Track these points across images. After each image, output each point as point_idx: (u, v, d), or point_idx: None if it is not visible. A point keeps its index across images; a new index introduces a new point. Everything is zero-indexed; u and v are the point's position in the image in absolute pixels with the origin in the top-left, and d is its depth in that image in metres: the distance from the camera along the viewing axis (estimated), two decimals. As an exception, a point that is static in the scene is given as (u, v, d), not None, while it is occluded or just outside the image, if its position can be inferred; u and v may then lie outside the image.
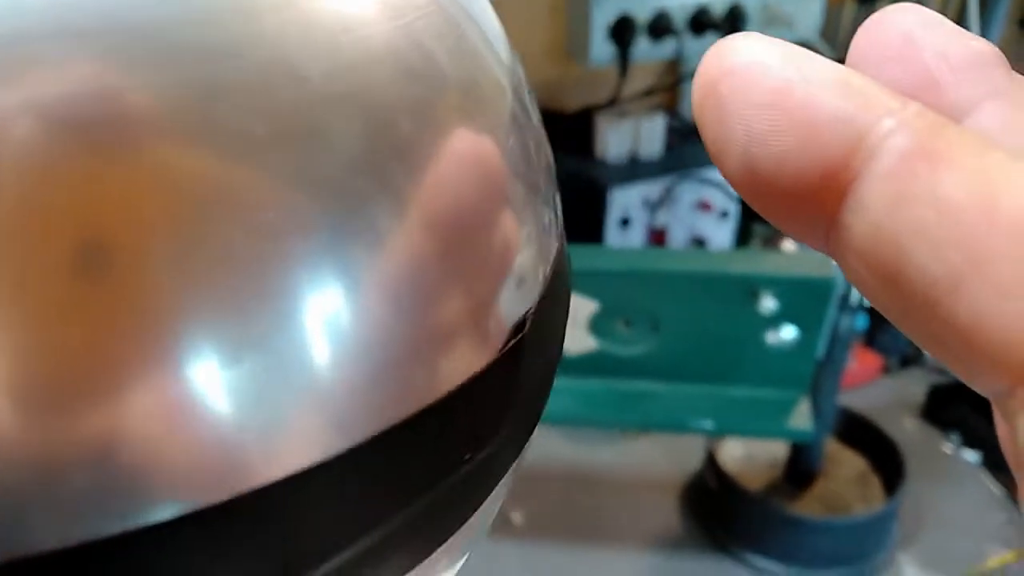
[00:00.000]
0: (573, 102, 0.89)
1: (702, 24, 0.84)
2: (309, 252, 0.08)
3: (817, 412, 0.53)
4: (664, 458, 0.63)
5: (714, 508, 0.59)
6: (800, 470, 0.58)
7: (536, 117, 0.12)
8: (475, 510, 0.10)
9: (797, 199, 0.09)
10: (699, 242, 0.85)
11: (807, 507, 0.58)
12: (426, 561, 0.10)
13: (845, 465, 0.61)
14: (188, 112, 0.07)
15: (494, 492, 0.11)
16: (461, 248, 0.09)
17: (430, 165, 0.09)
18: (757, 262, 0.46)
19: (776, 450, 0.60)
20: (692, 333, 0.48)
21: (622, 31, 0.83)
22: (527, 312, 0.10)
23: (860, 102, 0.08)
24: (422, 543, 0.10)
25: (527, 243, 0.11)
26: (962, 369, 0.08)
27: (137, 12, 0.08)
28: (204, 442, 0.08)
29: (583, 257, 0.47)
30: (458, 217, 0.09)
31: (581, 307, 0.47)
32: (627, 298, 0.47)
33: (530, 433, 0.12)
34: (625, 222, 0.81)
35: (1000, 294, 0.07)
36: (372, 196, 0.09)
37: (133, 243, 0.07)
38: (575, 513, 0.60)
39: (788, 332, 0.46)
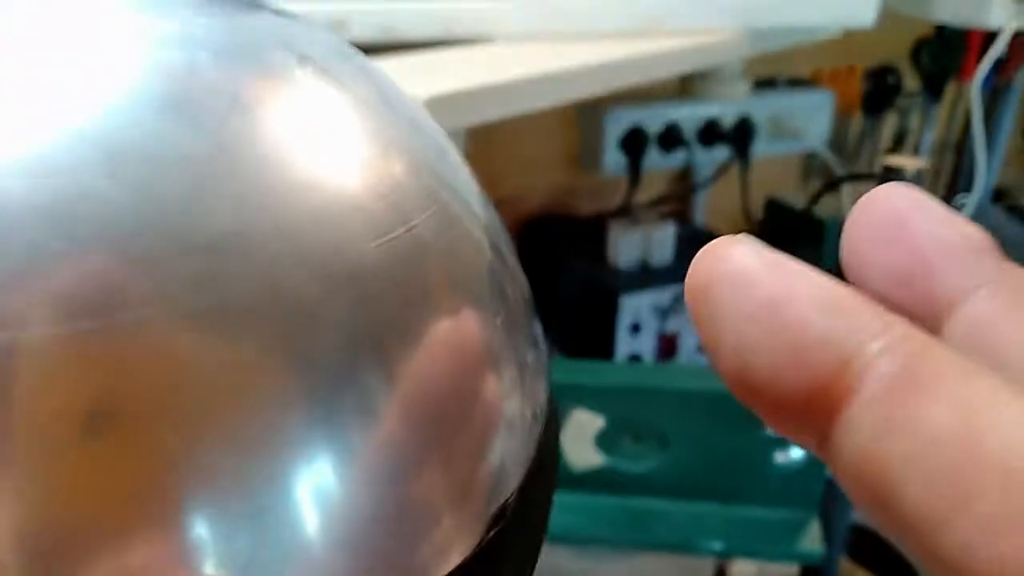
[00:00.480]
0: (586, 209, 0.91)
1: (711, 135, 0.86)
2: (301, 427, 0.08)
3: (829, 532, 0.52)
4: (673, 575, 0.62)
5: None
6: (813, 591, 0.57)
7: (513, 262, 0.13)
8: None
9: (787, 410, 0.09)
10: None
11: (821, 630, 0.56)
12: None
13: (860, 586, 0.59)
14: (193, 302, 0.08)
15: None
16: (446, 429, 0.10)
17: (416, 345, 0.10)
18: (765, 382, 0.46)
19: (788, 571, 0.59)
20: (700, 451, 0.48)
21: (634, 142, 0.85)
22: (510, 495, 0.11)
23: (847, 323, 0.09)
24: None
25: (513, 417, 0.11)
26: None
27: (146, 212, 0.08)
28: None
29: (591, 372, 0.47)
30: (442, 395, 0.10)
31: (588, 422, 0.47)
32: (635, 414, 0.47)
33: None
34: (636, 328, 0.82)
35: (988, 532, 0.07)
36: (362, 376, 0.09)
37: (135, 412, 0.08)
38: (582, 631, 0.58)
39: (796, 452, 0.46)
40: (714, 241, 0.10)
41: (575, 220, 0.90)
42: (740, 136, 0.88)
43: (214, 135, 0.09)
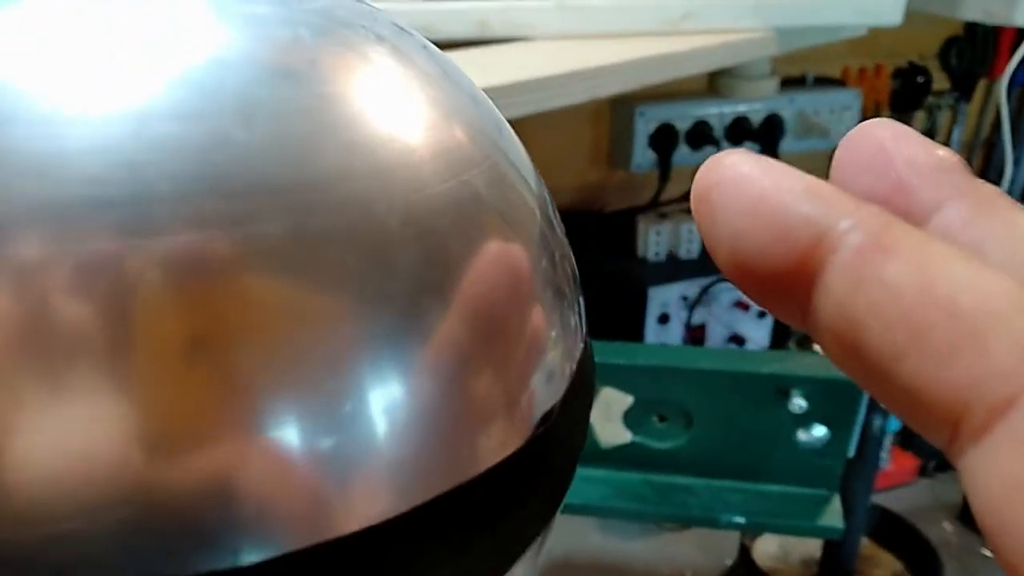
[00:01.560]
0: (616, 204, 0.93)
1: (740, 132, 0.88)
2: (372, 349, 0.10)
3: (849, 511, 0.54)
4: (698, 552, 0.64)
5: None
6: (834, 569, 0.59)
7: (561, 232, 0.14)
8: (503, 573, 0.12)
9: (776, 286, 0.10)
10: (737, 340, 0.87)
11: (841, 607, 0.58)
12: None
13: (881, 566, 0.61)
14: (281, 247, 0.10)
15: (522, 560, 0.12)
16: (497, 346, 0.11)
17: (473, 279, 0.11)
18: (789, 362, 0.48)
19: (811, 548, 0.61)
20: (724, 429, 0.50)
21: (663, 139, 0.87)
22: (554, 405, 0.12)
23: (824, 206, 0.10)
24: None
25: (554, 342, 0.12)
26: (914, 424, 0.09)
27: (271, 156, 0.10)
28: (290, 497, 0.09)
29: (620, 353, 0.50)
30: (495, 321, 0.11)
31: (617, 400, 0.50)
32: (661, 393, 0.50)
33: (554, 513, 0.13)
34: (664, 319, 0.84)
35: (936, 363, 0.09)
36: (425, 306, 0.11)
37: (237, 340, 0.09)
38: (610, 605, 0.61)
39: (818, 431, 0.48)
40: (716, 154, 0.11)
41: (605, 215, 0.92)
42: (768, 133, 0.89)
43: (318, 95, 0.11)
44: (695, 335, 0.85)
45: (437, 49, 0.14)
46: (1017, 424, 0.08)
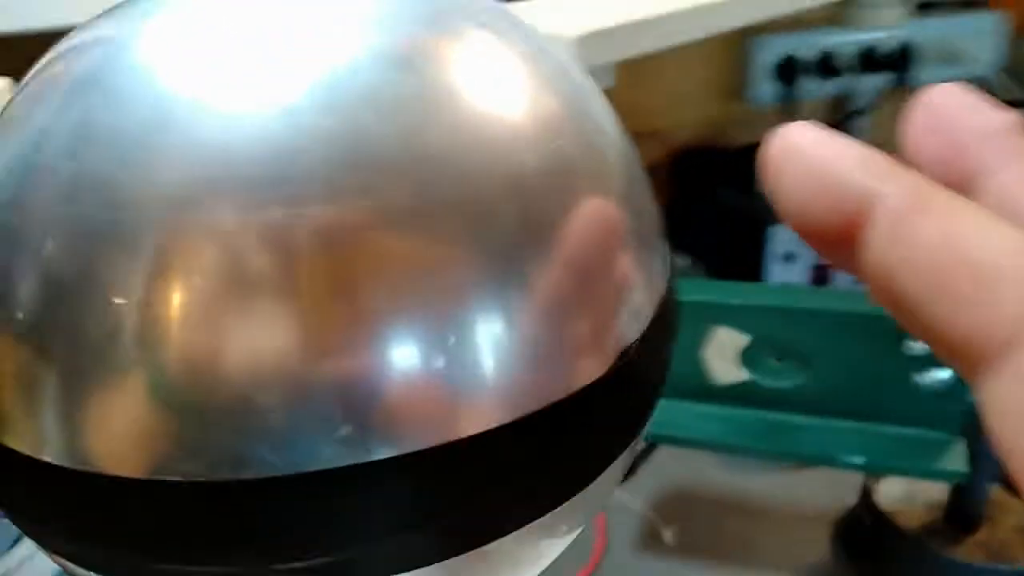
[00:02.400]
0: (738, 140, 0.91)
1: (870, 62, 0.84)
2: (481, 290, 0.12)
3: (976, 456, 0.52)
4: (819, 490, 0.64)
5: (868, 545, 0.59)
6: (962, 514, 0.58)
7: (645, 186, 0.16)
8: (587, 485, 0.14)
9: (830, 241, 0.12)
10: (863, 279, 0.85)
11: (968, 553, 0.57)
12: (548, 518, 0.13)
13: (1013, 514, 0.59)
14: (407, 211, 0.12)
15: (606, 473, 0.14)
16: (585, 289, 0.13)
17: (565, 232, 0.13)
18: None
19: (937, 492, 0.60)
20: (842, 370, 0.49)
21: (787, 71, 0.84)
22: (635, 340, 0.14)
23: (869, 174, 0.11)
24: (547, 501, 0.13)
25: (637, 287, 0.14)
26: (945, 360, 0.11)
27: (375, 156, 0.12)
28: (415, 404, 0.11)
29: (735, 292, 0.50)
30: (585, 267, 0.13)
31: (732, 340, 0.50)
32: (778, 334, 0.49)
33: (635, 435, 0.15)
34: (788, 258, 0.82)
35: (957, 306, 0.10)
36: (524, 256, 0.13)
37: (374, 281, 0.12)
38: (726, 537, 0.62)
39: (941, 374, 0.47)
40: (785, 125, 0.13)
41: (727, 151, 0.91)
42: (900, 63, 0.85)
43: (431, 81, 0.13)
44: (820, 275, 0.83)
45: (531, 26, 0.16)
46: (1018, 361, 0.10)
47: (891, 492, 0.61)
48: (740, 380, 0.52)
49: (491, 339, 0.12)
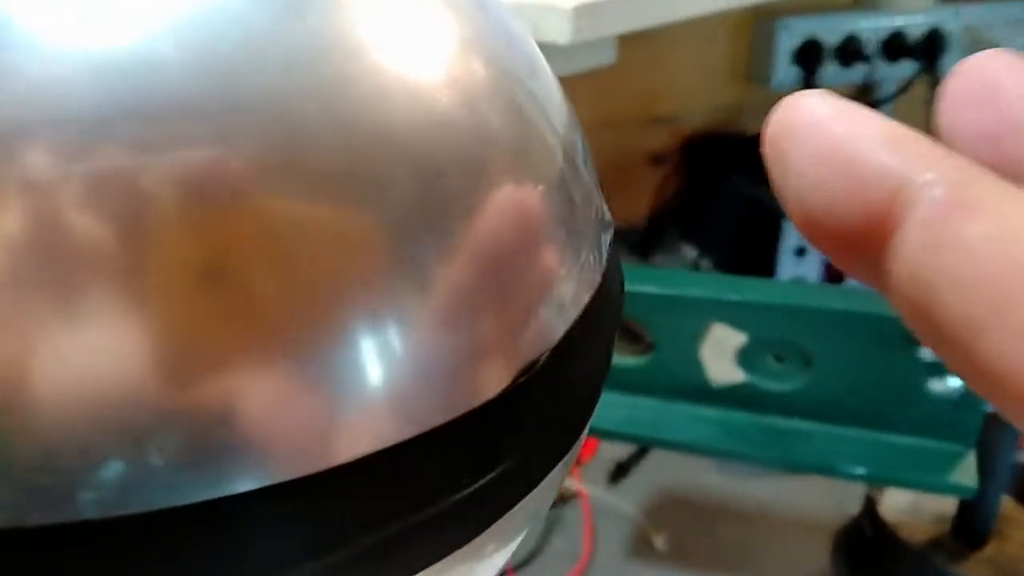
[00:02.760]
0: (754, 125, 0.88)
1: (896, 49, 0.80)
2: (370, 282, 0.10)
3: (987, 469, 0.49)
4: (820, 498, 0.61)
5: (869, 558, 0.56)
6: (969, 528, 0.54)
7: (588, 175, 0.14)
8: (507, 510, 0.12)
9: (847, 242, 0.10)
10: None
11: (975, 569, 0.54)
12: (470, 546, 0.12)
13: (1023, 529, 0.56)
14: (284, 174, 0.10)
15: (528, 498, 0.12)
16: (496, 283, 0.11)
17: (474, 214, 0.11)
18: (920, 304, 0.44)
19: (944, 505, 0.57)
20: (847, 374, 0.46)
21: (809, 55, 0.81)
22: (556, 341, 0.12)
23: (901, 157, 0.09)
24: (464, 530, 0.12)
25: (562, 280, 0.12)
26: (995, 404, 0.09)
27: (242, 95, 0.10)
28: (292, 423, 0.09)
29: (733, 287, 0.46)
30: (495, 259, 0.11)
31: (728, 338, 0.47)
32: (778, 333, 0.46)
33: (567, 448, 0.13)
34: (801, 252, 0.79)
35: (1017, 337, 0.08)
36: (424, 241, 0.11)
37: (242, 266, 0.09)
38: (720, 545, 0.59)
39: (953, 381, 0.44)
40: (791, 95, 0.10)
41: (742, 138, 0.87)
42: (929, 51, 0.81)
43: (314, 22, 0.11)
44: (834, 271, 0.80)
45: None
46: None
47: (896, 503, 0.58)
48: (737, 381, 0.48)
49: (381, 343, 0.10)
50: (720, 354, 0.47)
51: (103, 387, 0.09)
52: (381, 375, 0.10)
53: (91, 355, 0.09)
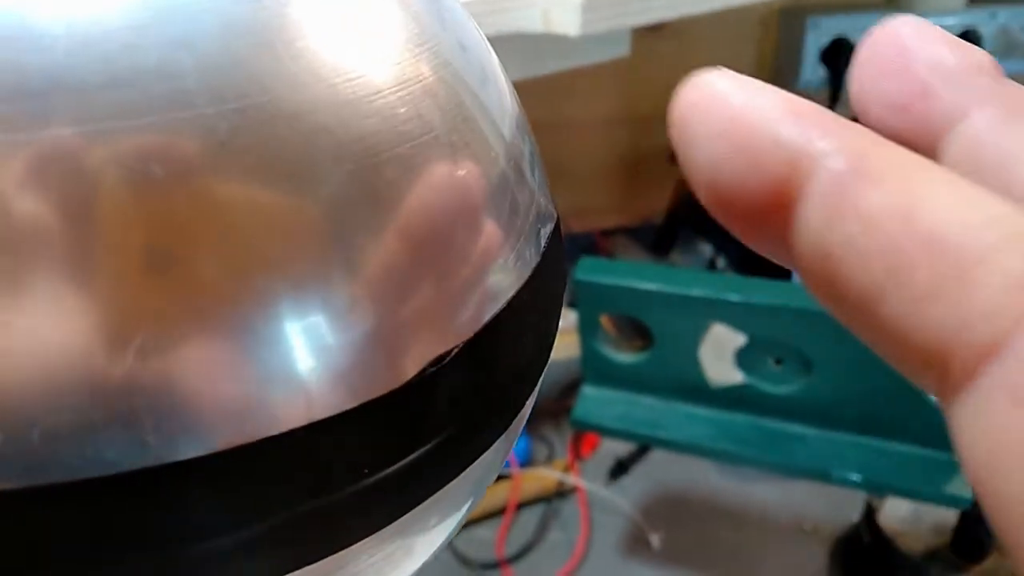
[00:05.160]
0: (778, 125, 0.87)
1: (926, 50, 0.79)
2: (302, 261, 0.10)
3: (989, 481, 0.48)
4: (820, 503, 0.60)
5: (868, 566, 0.55)
6: (968, 541, 0.53)
7: (534, 176, 0.15)
8: (441, 486, 0.12)
9: (752, 218, 0.10)
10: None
11: (973, 583, 0.53)
12: (407, 520, 0.12)
13: (1026, 544, 0.55)
14: (225, 157, 0.10)
15: (463, 475, 0.13)
16: (427, 262, 0.12)
17: (406, 201, 0.11)
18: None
19: (945, 516, 0.56)
20: (846, 379, 0.45)
21: (836, 54, 0.79)
22: (486, 322, 0.12)
23: (799, 128, 0.09)
24: (396, 505, 0.12)
25: (495, 262, 0.13)
26: (900, 369, 0.09)
27: (183, 81, 0.10)
28: (229, 395, 0.10)
29: (734, 287, 0.46)
30: (427, 238, 0.11)
31: (728, 339, 0.46)
32: (778, 335, 0.46)
33: (503, 426, 0.13)
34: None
35: (918, 300, 0.08)
36: (354, 220, 0.11)
37: (183, 246, 0.10)
38: (716, 547, 0.58)
39: (954, 390, 0.43)
40: (697, 74, 0.10)
41: (764, 136, 0.86)
42: (961, 52, 0.79)
43: (268, 16, 0.11)
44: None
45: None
46: (1007, 370, 0.07)
47: (896, 511, 0.57)
48: (735, 382, 0.48)
49: (311, 321, 0.10)
50: (719, 354, 0.47)
51: (43, 360, 0.09)
52: (312, 351, 0.10)
53: (31, 328, 0.09)
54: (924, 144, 0.10)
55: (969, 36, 0.79)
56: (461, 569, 0.57)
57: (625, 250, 0.86)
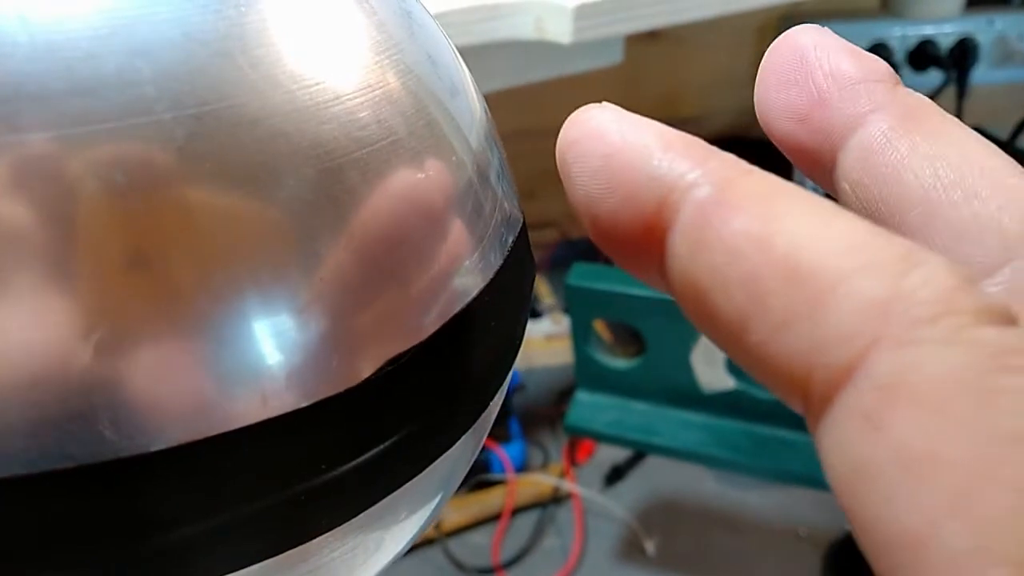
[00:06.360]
0: (774, 132, 0.87)
1: (924, 58, 0.79)
2: (263, 262, 0.11)
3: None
4: (814, 510, 0.60)
5: (861, 572, 0.55)
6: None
7: (501, 186, 0.15)
8: (403, 483, 0.13)
9: (630, 250, 0.10)
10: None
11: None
12: (371, 515, 0.12)
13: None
14: (183, 162, 0.10)
15: (433, 467, 0.13)
16: (383, 269, 0.12)
17: (368, 205, 0.12)
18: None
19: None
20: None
21: (833, 62, 0.80)
22: (445, 323, 0.13)
23: (669, 160, 0.09)
24: (360, 498, 0.12)
25: (448, 273, 0.13)
26: (776, 394, 0.09)
27: (151, 86, 0.11)
28: (193, 391, 0.10)
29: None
30: (388, 241, 0.12)
31: (719, 345, 0.46)
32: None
33: (458, 426, 0.14)
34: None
35: (775, 330, 0.08)
36: (316, 223, 0.11)
37: (141, 248, 0.10)
38: (710, 553, 0.58)
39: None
40: (579, 109, 0.10)
41: (761, 143, 0.86)
42: (958, 60, 0.79)
43: (234, 8, 0.11)
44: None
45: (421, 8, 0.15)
46: (860, 393, 0.07)
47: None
48: (727, 388, 0.48)
49: (271, 320, 0.11)
50: (711, 360, 0.47)
51: (20, 357, 0.09)
52: (268, 349, 0.11)
53: (15, 331, 0.10)
54: (826, 154, 0.11)
55: (967, 44, 0.79)
56: (457, 574, 0.57)
57: (623, 257, 0.86)
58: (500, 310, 0.14)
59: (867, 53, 0.11)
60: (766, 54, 0.11)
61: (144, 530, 0.10)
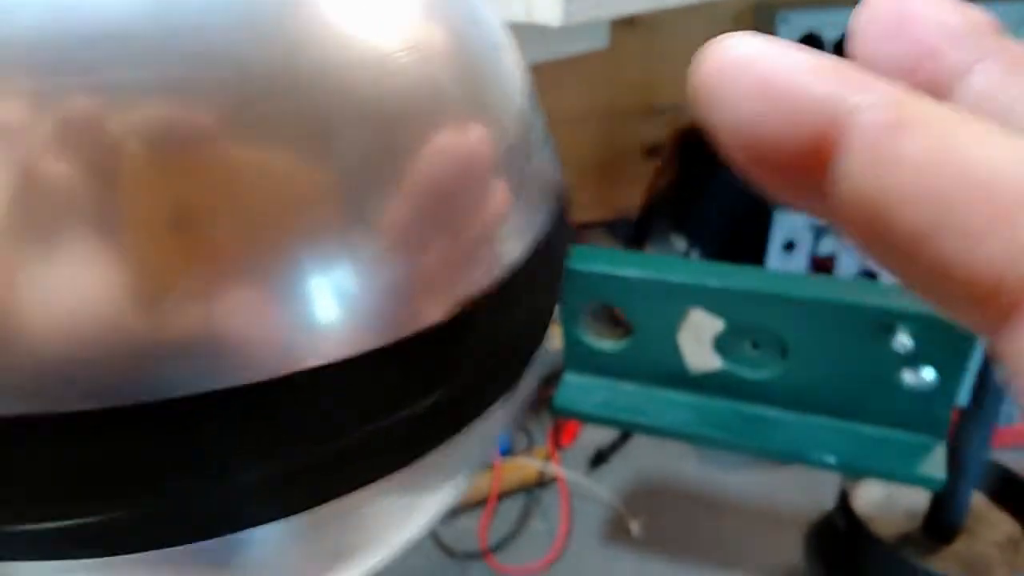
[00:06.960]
0: (750, 120, 0.88)
1: (895, 47, 0.80)
2: (324, 219, 0.11)
3: (959, 464, 0.49)
4: (797, 491, 0.61)
5: (842, 550, 0.56)
6: (940, 524, 0.55)
7: (541, 146, 0.15)
8: (447, 437, 0.13)
9: (789, 173, 0.10)
10: (869, 275, 0.81)
11: (943, 564, 0.54)
12: (411, 473, 0.13)
13: (994, 527, 0.56)
14: (242, 120, 0.11)
15: (473, 428, 0.13)
16: (437, 223, 0.12)
17: (420, 158, 0.12)
18: (894, 295, 0.44)
19: (917, 499, 0.57)
20: (821, 363, 0.46)
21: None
22: (491, 286, 0.13)
23: (834, 83, 0.09)
24: (405, 451, 0.13)
25: (504, 226, 0.13)
26: (945, 305, 0.09)
27: (202, 44, 0.11)
28: (261, 334, 0.11)
29: (712, 273, 0.47)
30: (440, 199, 0.12)
31: (707, 324, 0.47)
32: (755, 320, 0.46)
33: (503, 384, 0.14)
34: (789, 246, 0.79)
35: (968, 239, 0.08)
36: (370, 177, 0.12)
37: (209, 207, 0.10)
38: (695, 533, 0.59)
39: (926, 374, 0.44)
40: (720, 37, 0.11)
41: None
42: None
43: None
44: (822, 266, 0.80)
45: None
46: None
47: (870, 497, 0.58)
48: (714, 368, 0.49)
49: (330, 271, 0.11)
50: (698, 340, 0.48)
51: (90, 312, 0.10)
52: (330, 298, 0.11)
53: (75, 285, 0.10)
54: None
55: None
56: (444, 559, 0.57)
57: (601, 244, 0.86)
58: (542, 275, 0.15)
59: (968, 5, 0.11)
60: (859, 9, 0.11)
61: (204, 468, 0.11)
